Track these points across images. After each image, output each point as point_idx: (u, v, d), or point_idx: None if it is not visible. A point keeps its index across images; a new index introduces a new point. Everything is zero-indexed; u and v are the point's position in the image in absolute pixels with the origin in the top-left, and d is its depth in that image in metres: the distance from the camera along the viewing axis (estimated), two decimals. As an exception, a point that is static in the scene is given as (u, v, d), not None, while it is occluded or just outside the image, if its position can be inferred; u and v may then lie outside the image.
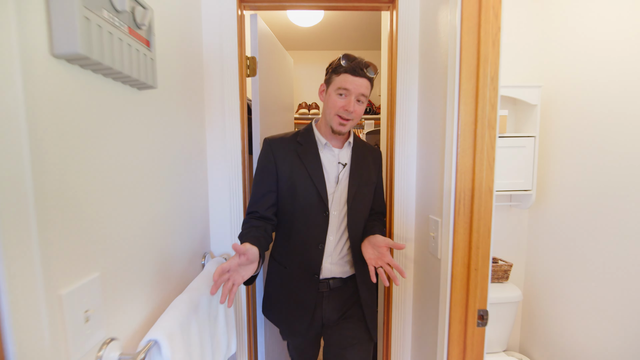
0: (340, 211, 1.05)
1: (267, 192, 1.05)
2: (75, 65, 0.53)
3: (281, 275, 1.10)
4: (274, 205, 1.05)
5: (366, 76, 0.96)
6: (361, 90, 0.96)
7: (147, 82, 0.70)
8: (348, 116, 0.98)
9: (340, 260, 1.08)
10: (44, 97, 0.47)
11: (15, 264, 0.41)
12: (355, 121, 1.02)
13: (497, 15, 0.83)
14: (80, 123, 0.54)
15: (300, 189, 1.01)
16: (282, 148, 1.05)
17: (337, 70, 0.98)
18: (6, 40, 0.41)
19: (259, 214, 1.04)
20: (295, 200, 1.02)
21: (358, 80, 0.95)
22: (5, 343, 0.40)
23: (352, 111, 0.97)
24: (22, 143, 0.43)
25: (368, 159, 1.12)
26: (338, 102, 0.97)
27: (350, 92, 0.96)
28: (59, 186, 0.49)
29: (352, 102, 0.96)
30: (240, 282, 0.81)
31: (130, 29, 0.62)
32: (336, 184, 1.05)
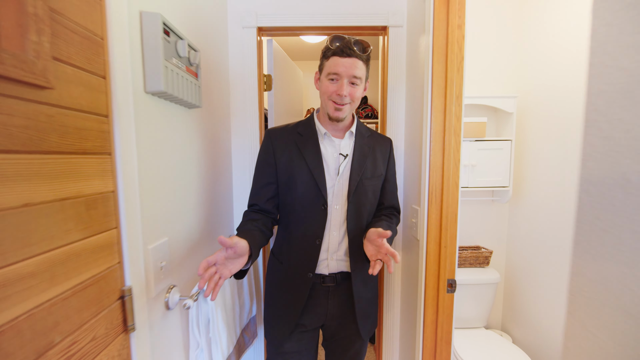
0: (343, 205, 0.98)
1: (266, 184, 1.00)
2: (156, 97, 0.79)
3: (278, 271, 1.04)
4: (274, 197, 1.01)
5: (356, 55, 0.88)
6: (352, 72, 0.88)
7: (195, 104, 0.96)
8: (342, 101, 0.91)
9: (344, 256, 1.01)
10: (141, 115, 0.73)
11: (132, 230, 0.67)
12: (353, 105, 0.94)
13: (460, 48, 1.06)
14: (156, 130, 0.81)
15: (298, 181, 0.95)
16: (281, 139, 1.00)
17: (326, 54, 0.92)
18: (124, 83, 0.67)
19: (259, 206, 1.00)
20: (293, 192, 0.96)
21: (347, 61, 0.88)
22: (125, 270, 0.66)
23: (346, 95, 0.90)
24: (132, 142, 0.69)
25: (375, 150, 1.04)
26: (330, 87, 0.91)
27: (340, 75, 0.89)
28: (146, 174, 0.76)
29: (344, 86, 0.89)
30: (228, 276, 0.77)
31: (187, 67, 0.89)
32: (337, 176, 0.97)
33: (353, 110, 0.99)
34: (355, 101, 0.94)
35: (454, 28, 1.05)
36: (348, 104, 0.93)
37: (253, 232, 0.90)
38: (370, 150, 1.03)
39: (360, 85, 0.93)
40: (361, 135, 1.04)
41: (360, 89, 0.94)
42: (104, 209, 0.60)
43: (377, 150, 1.05)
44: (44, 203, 0.46)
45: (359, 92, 0.93)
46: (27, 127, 0.43)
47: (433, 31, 1.06)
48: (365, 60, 0.92)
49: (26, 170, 0.43)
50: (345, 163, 0.99)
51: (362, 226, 1.01)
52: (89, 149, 0.56)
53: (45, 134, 0.47)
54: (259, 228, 0.94)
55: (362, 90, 0.95)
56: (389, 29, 1.40)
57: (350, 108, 0.95)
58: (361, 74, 0.91)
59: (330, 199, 0.97)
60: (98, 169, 0.58)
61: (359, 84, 0.92)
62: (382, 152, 1.06)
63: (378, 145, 1.06)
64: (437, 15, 1.06)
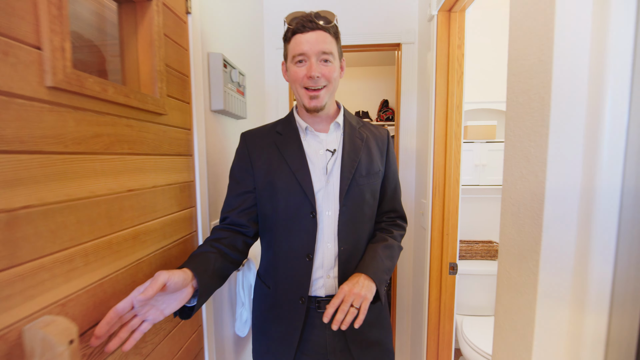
0: (335, 211, 0.81)
1: (241, 193, 0.85)
2: (216, 113, 1.07)
3: (266, 297, 0.88)
4: (250, 208, 0.84)
5: (321, 27, 0.75)
6: (319, 47, 0.74)
7: (242, 116, 1.23)
8: (315, 84, 0.76)
9: None
10: (208, 124, 1.01)
11: (202, 209, 0.95)
12: (331, 87, 0.79)
13: (460, 64, 1.25)
14: (216, 137, 1.08)
15: (279, 186, 0.81)
16: (257, 141, 0.87)
17: (287, 35, 0.79)
18: (199, 106, 0.94)
19: (229, 219, 0.84)
20: (274, 200, 0.81)
21: (312, 36, 0.74)
22: (198, 238, 0.94)
23: (318, 75, 0.75)
24: (203, 147, 0.96)
25: (369, 142, 0.87)
26: (299, 72, 0.76)
27: (307, 54, 0.75)
28: (211, 170, 1.03)
29: (315, 65, 0.75)
30: (159, 318, 0.57)
31: (237, 89, 1.16)
32: (325, 177, 0.81)
33: (333, 95, 0.82)
34: (332, 82, 0.78)
35: (455, 48, 1.24)
36: (324, 87, 0.77)
37: (208, 255, 0.71)
38: (363, 142, 0.86)
39: (334, 62, 0.78)
40: (351, 126, 0.88)
41: (335, 68, 0.79)
42: (188, 192, 0.87)
43: (372, 143, 0.88)
44: (161, 186, 0.74)
45: (334, 72, 0.78)
46: (154, 139, 0.71)
47: (436, 50, 1.26)
48: (333, 33, 0.78)
49: (154, 166, 0.71)
50: (333, 160, 0.83)
51: (360, 235, 0.84)
52: (181, 152, 0.83)
53: (161, 143, 0.74)
54: (220, 250, 0.75)
55: (338, 69, 0.80)
56: (402, 45, 1.60)
57: (328, 92, 0.79)
58: (330, 48, 0.76)
59: (319, 204, 0.80)
60: (185, 165, 0.86)
61: (332, 61, 0.77)
62: (378, 144, 0.89)
63: (373, 137, 0.89)
64: (440, 37, 1.25)
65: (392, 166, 0.93)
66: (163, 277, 0.54)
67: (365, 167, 0.85)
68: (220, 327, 1.09)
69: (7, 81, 0.40)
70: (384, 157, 0.91)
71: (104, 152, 0.56)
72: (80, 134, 0.51)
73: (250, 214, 0.85)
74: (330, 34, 0.77)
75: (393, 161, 0.94)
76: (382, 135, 0.93)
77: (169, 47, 0.77)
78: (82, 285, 0.51)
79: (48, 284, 0.46)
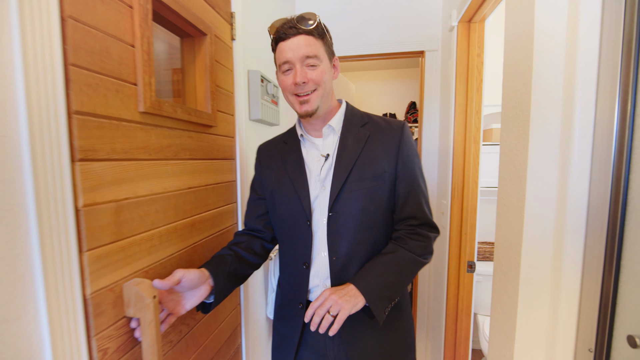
0: None
1: (256, 199, 0.91)
2: (254, 122, 1.23)
3: (277, 297, 0.94)
4: (264, 214, 0.89)
5: (303, 31, 0.72)
6: (302, 52, 0.72)
7: (275, 123, 1.39)
8: (302, 90, 0.74)
9: None
10: (247, 132, 1.17)
11: (241, 206, 1.11)
12: (322, 90, 0.75)
13: (480, 72, 1.31)
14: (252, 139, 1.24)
15: (280, 194, 0.83)
16: (267, 152, 0.91)
17: (273, 46, 0.77)
18: (241, 116, 1.10)
19: (248, 225, 0.91)
20: (277, 209, 0.84)
21: (293, 42, 0.72)
22: (238, 228, 1.10)
23: (305, 81, 0.73)
24: (243, 151, 1.13)
25: (373, 142, 0.80)
26: (286, 80, 0.75)
27: (291, 61, 0.73)
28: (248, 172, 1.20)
29: (299, 72, 0.72)
30: (180, 313, 0.66)
31: (272, 99, 1.31)
32: (321, 184, 0.80)
33: (327, 97, 0.78)
34: (321, 84, 0.74)
35: (474, 56, 1.30)
36: (313, 91, 0.74)
37: (225, 257, 0.78)
38: (363, 143, 0.79)
39: (321, 64, 0.74)
40: (351, 125, 0.82)
41: (323, 69, 0.74)
42: (231, 190, 1.04)
43: (377, 141, 0.80)
44: (212, 184, 0.90)
45: (323, 74, 0.74)
46: (207, 147, 0.88)
47: (456, 59, 1.33)
48: (317, 34, 0.73)
49: (206, 168, 0.88)
50: (328, 165, 0.80)
51: (356, 245, 0.78)
52: (226, 156, 1.00)
53: (212, 150, 0.91)
54: (237, 253, 0.81)
55: (328, 71, 0.76)
56: (425, 53, 1.68)
57: (320, 95, 0.75)
58: (315, 51, 0.73)
59: (316, 212, 0.80)
60: (229, 168, 1.02)
61: (317, 64, 0.74)
62: (385, 142, 0.79)
63: (379, 134, 0.80)
64: (459, 46, 1.32)
65: (406, 165, 0.79)
66: (179, 274, 0.64)
67: (362, 170, 0.77)
68: (254, 309, 1.25)
69: (117, 110, 0.57)
70: (394, 155, 0.79)
71: (173, 158, 0.73)
72: (159, 144, 0.68)
73: (265, 220, 0.89)
74: (313, 35, 0.73)
75: (408, 159, 0.79)
76: (392, 131, 0.80)
77: (218, 70, 0.93)
78: (157, 259, 0.68)
79: (137, 255, 0.63)
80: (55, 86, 0.47)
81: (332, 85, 0.79)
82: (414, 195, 0.80)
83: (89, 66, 0.51)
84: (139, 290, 0.58)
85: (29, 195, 0.45)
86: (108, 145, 0.55)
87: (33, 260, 0.46)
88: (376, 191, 0.78)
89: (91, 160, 0.52)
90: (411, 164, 0.80)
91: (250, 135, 1.20)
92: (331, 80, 0.79)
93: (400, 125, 0.82)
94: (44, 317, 0.47)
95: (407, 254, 0.76)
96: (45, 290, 0.46)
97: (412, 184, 0.80)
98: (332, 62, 0.80)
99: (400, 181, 0.80)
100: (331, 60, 0.79)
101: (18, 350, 0.44)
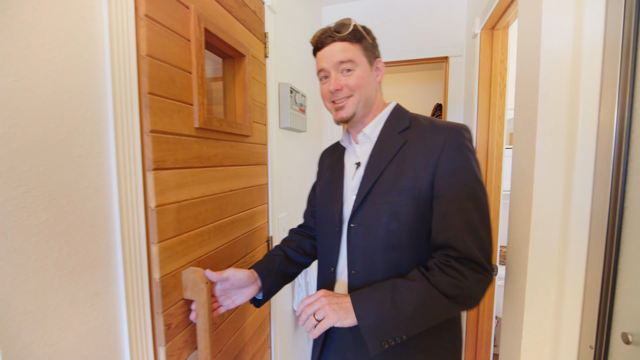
0: None
1: (312, 198, 0.95)
2: (284, 130, 1.34)
3: None
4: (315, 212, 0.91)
5: (336, 38, 0.70)
6: (337, 58, 0.70)
7: (303, 130, 1.49)
8: (337, 97, 0.72)
9: None
10: (278, 139, 1.28)
11: (272, 206, 1.22)
12: (359, 95, 0.71)
13: (503, 78, 1.33)
14: (282, 145, 1.35)
15: (320, 196, 0.86)
16: (325, 156, 0.92)
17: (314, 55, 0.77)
18: (272, 125, 1.21)
19: (303, 222, 0.97)
20: (317, 210, 0.87)
21: (327, 50, 0.71)
22: (270, 227, 1.21)
23: (339, 88, 0.71)
24: (274, 157, 1.24)
25: (409, 150, 0.70)
26: (324, 89, 0.74)
27: (327, 69, 0.72)
28: (278, 175, 1.31)
29: (333, 79, 0.71)
30: (231, 306, 0.75)
31: (300, 108, 1.42)
32: (352, 193, 0.77)
33: (366, 102, 0.73)
34: (357, 89, 0.71)
35: (497, 63, 1.33)
36: (348, 97, 0.71)
37: (275, 258, 0.84)
38: (395, 151, 0.70)
39: (357, 69, 0.70)
40: (389, 131, 0.74)
41: (360, 74, 0.70)
42: (264, 192, 1.15)
43: (415, 150, 0.69)
44: (248, 187, 1.02)
45: (360, 79, 0.70)
46: (244, 154, 0.99)
47: (478, 66, 1.36)
48: (352, 39, 0.70)
49: (244, 173, 0.99)
50: (359, 174, 0.76)
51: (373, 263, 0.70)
52: (260, 162, 1.11)
53: (249, 156, 1.02)
54: (286, 253, 0.87)
55: (363, 75, 0.71)
56: (449, 58, 1.70)
57: (356, 101, 0.72)
58: (350, 56, 0.70)
59: (344, 220, 0.76)
60: (262, 172, 1.13)
61: (353, 69, 0.70)
62: (424, 151, 0.67)
63: (417, 143, 0.69)
64: (482, 53, 1.35)
65: (446, 180, 0.64)
66: (228, 272, 0.72)
67: (387, 182, 0.69)
68: (282, 302, 1.36)
69: (180, 127, 0.69)
70: (431, 167, 0.65)
71: (218, 165, 0.85)
72: (208, 154, 0.80)
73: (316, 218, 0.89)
74: (349, 41, 0.70)
75: (452, 174, 0.65)
76: (435, 137, 0.67)
77: (254, 85, 1.05)
78: (206, 252, 0.80)
79: (192, 248, 0.75)
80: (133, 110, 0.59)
81: (374, 89, 0.75)
82: (453, 219, 0.63)
83: (161, 93, 0.63)
84: (195, 276, 0.70)
85: (114, 199, 0.58)
86: (172, 157, 0.67)
87: (116, 248, 0.58)
88: (400, 208, 0.67)
89: (161, 169, 0.64)
90: (456, 179, 0.64)
91: (281, 142, 1.31)
92: (372, 85, 0.74)
93: (449, 129, 0.67)
94: (122, 294, 0.59)
95: (429, 289, 0.60)
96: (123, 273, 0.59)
97: (453, 204, 0.63)
98: (373, 65, 0.74)
99: (438, 200, 0.65)
100: (372, 63, 0.74)
101: (105, 317, 0.57)
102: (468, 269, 0.61)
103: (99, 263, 0.56)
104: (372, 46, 0.75)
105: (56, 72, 0.48)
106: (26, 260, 0.45)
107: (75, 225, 0.51)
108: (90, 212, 0.54)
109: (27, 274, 0.45)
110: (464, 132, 0.67)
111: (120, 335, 0.60)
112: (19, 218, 0.43)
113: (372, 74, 0.74)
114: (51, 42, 0.47)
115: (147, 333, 0.63)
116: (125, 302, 0.60)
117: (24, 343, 0.45)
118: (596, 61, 0.54)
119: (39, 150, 0.46)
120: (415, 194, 0.66)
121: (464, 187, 0.64)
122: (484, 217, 0.64)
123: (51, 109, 0.47)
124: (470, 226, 0.62)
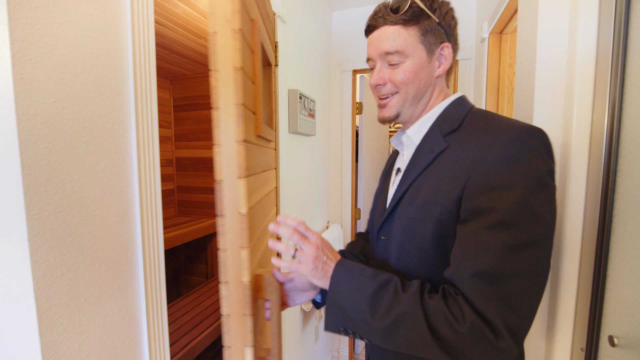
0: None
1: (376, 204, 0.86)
2: (293, 134, 1.39)
3: None
4: None
5: (386, 21, 0.59)
6: (381, 48, 0.59)
7: (312, 134, 1.53)
8: (380, 93, 0.63)
9: None
10: (287, 144, 1.33)
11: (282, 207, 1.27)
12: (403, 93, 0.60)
13: (511, 81, 1.33)
14: (291, 149, 1.40)
15: (373, 199, 0.81)
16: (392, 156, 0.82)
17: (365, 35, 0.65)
18: (283, 130, 1.26)
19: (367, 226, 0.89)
20: None
21: (374, 36, 0.61)
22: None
23: (383, 83, 0.61)
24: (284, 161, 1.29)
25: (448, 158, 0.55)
26: (370, 80, 0.64)
27: (372, 58, 0.62)
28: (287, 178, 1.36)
29: (376, 72, 0.62)
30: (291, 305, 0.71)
31: (309, 113, 1.46)
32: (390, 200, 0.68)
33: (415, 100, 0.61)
34: (403, 86, 0.59)
35: (505, 67, 1.33)
36: (393, 94, 0.61)
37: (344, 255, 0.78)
38: (431, 158, 0.58)
39: (407, 61, 0.58)
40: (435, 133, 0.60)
41: (409, 67, 0.58)
42: (275, 195, 1.20)
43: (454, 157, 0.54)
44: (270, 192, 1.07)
45: (408, 74, 0.58)
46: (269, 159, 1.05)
47: (487, 70, 1.36)
48: (408, 20, 0.57)
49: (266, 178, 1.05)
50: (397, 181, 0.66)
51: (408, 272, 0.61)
52: (272, 166, 1.16)
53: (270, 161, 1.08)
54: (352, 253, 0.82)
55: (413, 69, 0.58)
56: (459, 61, 1.71)
57: (402, 99, 0.61)
58: (398, 46, 0.58)
59: None
60: (274, 176, 1.19)
61: (401, 61, 0.59)
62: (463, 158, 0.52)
63: (460, 149, 0.54)
64: (491, 57, 1.35)
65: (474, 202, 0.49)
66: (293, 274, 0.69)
67: (413, 195, 0.58)
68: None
69: (249, 135, 0.74)
70: (462, 182, 0.50)
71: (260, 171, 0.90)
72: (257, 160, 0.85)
73: None
74: (402, 24, 0.57)
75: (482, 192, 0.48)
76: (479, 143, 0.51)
77: (264, 93, 1.10)
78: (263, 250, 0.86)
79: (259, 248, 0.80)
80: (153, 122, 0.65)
81: (430, 83, 0.60)
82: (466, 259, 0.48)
83: (246, 103, 0.68)
84: (270, 277, 0.68)
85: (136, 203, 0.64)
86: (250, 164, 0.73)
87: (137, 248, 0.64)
88: (417, 227, 0.55)
89: (248, 176, 0.69)
90: (488, 200, 0.47)
91: (290, 146, 1.36)
92: (427, 79, 0.60)
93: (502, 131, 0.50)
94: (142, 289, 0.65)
95: (414, 307, 0.48)
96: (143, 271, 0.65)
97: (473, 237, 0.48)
98: (436, 52, 0.59)
99: (462, 226, 0.50)
100: (434, 51, 0.59)
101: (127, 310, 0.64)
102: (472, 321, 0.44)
103: (122, 261, 0.62)
104: (439, 27, 0.58)
105: (87, 92, 0.54)
106: (62, 257, 0.51)
107: (102, 227, 0.58)
108: (115, 216, 0.60)
109: (62, 270, 0.51)
110: (523, 137, 0.47)
111: (140, 327, 0.66)
112: (57, 221, 0.50)
113: (431, 65, 0.59)
114: (83, 66, 0.54)
115: (163, 325, 0.69)
116: (145, 296, 0.67)
117: (59, 331, 0.52)
118: (589, 73, 0.56)
119: (73, 161, 0.52)
120: (436, 213, 0.52)
121: (496, 213, 0.45)
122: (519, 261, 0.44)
123: (84, 125, 0.54)
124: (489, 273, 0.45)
